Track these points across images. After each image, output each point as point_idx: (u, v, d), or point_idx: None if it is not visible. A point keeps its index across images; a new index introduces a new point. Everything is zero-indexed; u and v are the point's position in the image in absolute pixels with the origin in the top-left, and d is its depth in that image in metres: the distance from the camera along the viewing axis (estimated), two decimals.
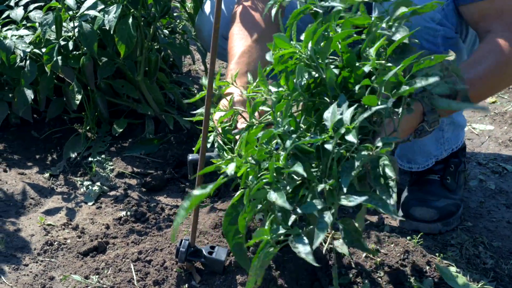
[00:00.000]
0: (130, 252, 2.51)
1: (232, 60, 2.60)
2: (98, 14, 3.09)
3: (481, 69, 2.25)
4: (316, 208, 1.72)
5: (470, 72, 2.21)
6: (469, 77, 2.15)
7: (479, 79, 2.25)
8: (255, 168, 1.87)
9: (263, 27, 2.68)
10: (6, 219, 2.83)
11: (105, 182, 3.08)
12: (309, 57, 1.88)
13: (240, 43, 2.64)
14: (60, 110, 3.41)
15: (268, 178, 1.80)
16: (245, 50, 2.59)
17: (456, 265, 2.52)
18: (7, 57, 3.13)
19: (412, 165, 2.87)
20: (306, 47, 1.88)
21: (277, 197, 1.75)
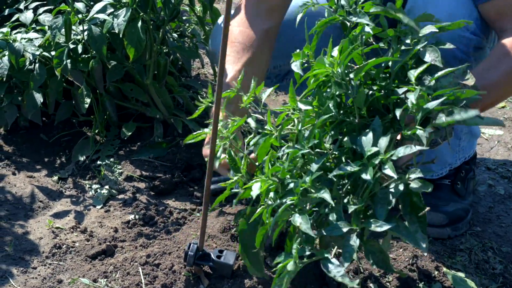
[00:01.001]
0: (138, 255, 2.51)
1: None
2: (108, 18, 3.10)
3: (496, 75, 2.23)
4: (341, 232, 1.72)
5: (486, 77, 2.19)
6: (484, 84, 2.12)
7: (495, 84, 2.23)
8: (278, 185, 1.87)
9: (255, 48, 2.66)
10: (15, 222, 2.83)
11: (113, 186, 3.08)
12: (341, 76, 1.87)
13: (230, 67, 2.63)
14: (69, 113, 3.41)
15: (294, 200, 1.80)
16: (235, 76, 2.58)
17: (465, 270, 2.51)
18: (17, 60, 3.14)
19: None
20: (339, 66, 1.86)
21: (302, 222, 1.75)
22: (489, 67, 2.25)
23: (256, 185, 1.91)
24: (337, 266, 1.71)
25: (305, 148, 1.84)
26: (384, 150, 1.72)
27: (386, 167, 1.68)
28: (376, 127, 1.80)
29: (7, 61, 3.16)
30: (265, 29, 2.72)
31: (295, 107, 1.98)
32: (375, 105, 1.96)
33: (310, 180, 1.77)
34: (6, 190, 3.04)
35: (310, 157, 1.86)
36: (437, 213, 2.73)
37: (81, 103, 3.21)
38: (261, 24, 2.72)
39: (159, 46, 3.32)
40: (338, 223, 1.74)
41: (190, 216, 2.82)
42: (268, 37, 2.74)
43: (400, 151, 1.71)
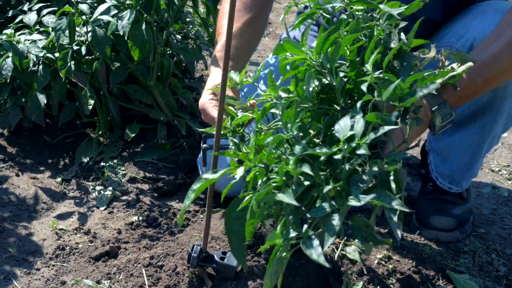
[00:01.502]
0: (142, 257, 2.51)
1: (220, 41, 2.62)
2: (112, 19, 3.10)
3: (496, 46, 2.17)
4: (325, 212, 1.71)
5: (487, 51, 2.16)
6: (484, 58, 2.12)
7: (496, 56, 2.16)
8: (264, 172, 1.87)
9: (255, 10, 2.66)
10: (18, 223, 2.83)
11: (117, 187, 3.08)
12: (320, 63, 1.87)
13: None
14: (72, 114, 3.42)
15: (277, 182, 1.79)
16: (235, 33, 2.57)
17: (468, 273, 2.51)
18: (20, 62, 3.14)
19: (453, 186, 2.80)
20: (318, 53, 1.87)
21: (285, 197, 1.74)
22: (491, 41, 2.21)
23: (240, 168, 1.90)
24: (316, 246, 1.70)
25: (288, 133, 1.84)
26: (361, 135, 1.71)
27: (360, 149, 1.68)
28: (356, 114, 1.80)
29: (11, 62, 3.16)
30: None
31: (276, 95, 1.99)
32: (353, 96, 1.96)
33: (294, 160, 1.77)
34: (9, 191, 3.04)
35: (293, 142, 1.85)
36: (448, 218, 2.72)
37: (85, 105, 3.22)
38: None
39: (162, 47, 3.32)
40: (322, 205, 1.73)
41: (193, 217, 2.82)
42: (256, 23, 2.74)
43: (371, 134, 1.71)
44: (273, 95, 1.99)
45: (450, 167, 2.74)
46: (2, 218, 2.83)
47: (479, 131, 2.63)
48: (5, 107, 3.37)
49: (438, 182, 2.76)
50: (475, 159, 2.73)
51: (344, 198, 1.73)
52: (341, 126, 1.75)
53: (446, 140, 2.71)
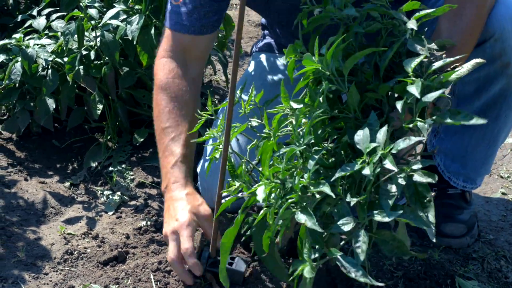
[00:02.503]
0: (150, 262, 2.51)
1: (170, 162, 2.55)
2: (121, 24, 3.10)
3: (464, 22, 2.26)
4: (349, 227, 1.71)
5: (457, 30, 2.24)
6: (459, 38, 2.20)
7: (467, 30, 2.27)
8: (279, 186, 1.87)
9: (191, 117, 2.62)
10: (27, 227, 2.83)
11: (125, 192, 3.08)
12: (332, 73, 1.87)
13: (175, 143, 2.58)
14: (81, 119, 3.42)
15: (294, 197, 1.79)
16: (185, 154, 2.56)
17: (477, 279, 2.50)
18: (29, 66, 3.15)
19: (468, 184, 2.79)
20: (329, 62, 1.86)
21: (306, 219, 1.74)
22: (454, 18, 2.24)
23: (260, 188, 1.90)
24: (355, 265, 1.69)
25: (301, 146, 1.84)
26: (383, 144, 1.71)
27: (386, 162, 1.67)
28: (373, 122, 1.80)
29: (20, 67, 3.17)
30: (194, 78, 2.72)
31: (289, 106, 1.99)
32: (368, 100, 1.96)
33: (308, 176, 1.76)
34: (18, 195, 3.04)
35: (307, 155, 1.85)
36: (458, 224, 2.71)
37: (93, 109, 3.22)
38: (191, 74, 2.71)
39: None
40: (344, 219, 1.72)
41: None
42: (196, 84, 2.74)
43: (399, 143, 1.71)
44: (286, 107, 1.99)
45: (463, 165, 2.72)
46: (11, 223, 2.83)
47: (492, 122, 2.58)
48: (13, 111, 3.37)
49: (452, 182, 2.74)
50: (489, 153, 2.71)
51: (366, 211, 1.73)
52: (361, 137, 1.75)
53: (452, 138, 2.69)
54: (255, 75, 3.01)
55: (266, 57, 3.07)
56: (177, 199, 2.43)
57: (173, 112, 2.59)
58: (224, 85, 4.15)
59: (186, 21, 2.61)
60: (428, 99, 1.75)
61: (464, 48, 2.23)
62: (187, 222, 2.33)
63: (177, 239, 2.32)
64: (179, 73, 2.64)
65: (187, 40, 2.65)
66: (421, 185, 1.73)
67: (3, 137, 3.51)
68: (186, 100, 2.63)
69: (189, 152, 2.57)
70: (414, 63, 1.83)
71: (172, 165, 2.52)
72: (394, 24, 2.00)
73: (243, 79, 3.08)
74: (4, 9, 4.08)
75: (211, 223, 2.34)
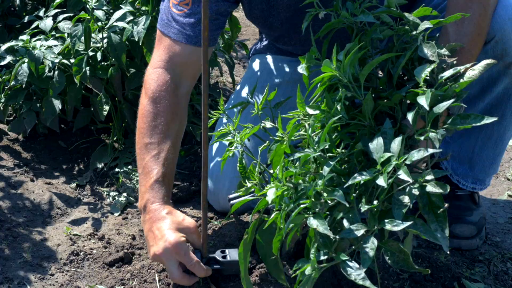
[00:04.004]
0: (155, 263, 2.51)
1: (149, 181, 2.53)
2: (127, 26, 3.11)
3: (471, 25, 2.25)
4: (358, 234, 1.71)
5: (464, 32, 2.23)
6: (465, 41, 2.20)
7: (474, 33, 2.26)
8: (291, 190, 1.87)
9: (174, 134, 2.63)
10: (33, 228, 2.83)
11: (131, 193, 3.08)
12: (349, 80, 1.86)
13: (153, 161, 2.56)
14: (87, 120, 3.42)
15: (307, 203, 1.79)
16: (164, 173, 2.54)
17: (484, 281, 2.50)
18: (36, 68, 3.15)
19: (477, 185, 2.77)
20: (346, 69, 1.86)
21: (318, 224, 1.74)
22: (460, 21, 2.23)
23: (271, 190, 1.90)
24: (357, 269, 1.70)
25: (316, 152, 1.83)
26: (398, 154, 1.71)
27: (401, 172, 1.67)
28: (387, 130, 1.80)
29: (26, 68, 3.17)
30: (186, 93, 2.70)
31: (304, 112, 1.98)
32: (382, 108, 1.96)
33: (323, 183, 1.76)
34: (24, 196, 3.04)
35: (321, 161, 1.85)
36: (468, 225, 2.70)
37: (100, 110, 3.22)
38: (182, 89, 2.69)
39: None
40: (355, 225, 1.73)
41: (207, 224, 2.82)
42: (186, 99, 2.73)
43: (413, 154, 1.71)
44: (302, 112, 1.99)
45: (471, 167, 2.71)
46: (17, 223, 2.84)
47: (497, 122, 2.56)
48: (20, 112, 3.38)
49: (460, 185, 2.73)
50: (497, 152, 2.69)
51: (377, 219, 1.73)
52: (375, 146, 1.75)
53: (458, 140, 2.69)
54: (255, 77, 3.01)
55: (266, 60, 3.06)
56: (159, 219, 2.42)
57: (158, 128, 2.57)
58: (231, 86, 4.15)
59: (191, 31, 2.60)
60: (439, 110, 1.75)
61: (474, 50, 2.23)
62: (177, 239, 2.33)
63: (172, 259, 2.32)
64: (172, 87, 2.62)
65: (188, 51, 2.63)
66: (435, 195, 1.74)
67: (9, 137, 3.51)
68: (174, 117, 2.61)
69: (169, 172, 2.55)
70: (425, 72, 1.83)
71: (151, 184, 2.50)
72: (406, 29, 2.00)
73: (244, 81, 3.07)
74: (11, 10, 4.09)
75: (198, 235, 2.37)
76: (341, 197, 1.73)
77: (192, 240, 2.39)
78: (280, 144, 2.01)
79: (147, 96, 2.63)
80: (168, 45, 2.64)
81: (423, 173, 1.73)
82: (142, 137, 2.59)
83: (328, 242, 1.79)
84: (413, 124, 1.80)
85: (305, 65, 2.05)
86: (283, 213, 1.86)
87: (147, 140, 2.56)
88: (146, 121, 2.59)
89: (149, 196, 2.48)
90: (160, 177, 2.50)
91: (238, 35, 3.79)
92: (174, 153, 2.58)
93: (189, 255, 2.30)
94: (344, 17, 2.04)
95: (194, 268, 2.30)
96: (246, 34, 5.12)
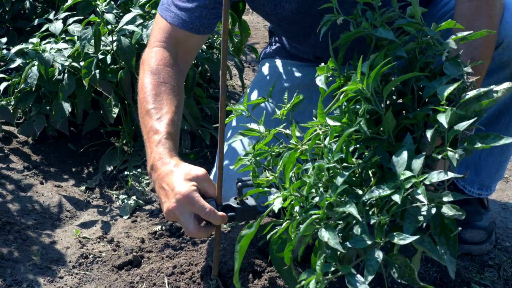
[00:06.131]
0: (164, 266, 2.51)
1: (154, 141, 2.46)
2: (137, 29, 3.11)
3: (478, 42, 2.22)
4: (365, 244, 1.71)
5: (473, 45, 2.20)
6: (475, 55, 2.18)
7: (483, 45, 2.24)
8: (302, 200, 1.86)
9: (180, 94, 2.61)
10: (42, 231, 2.84)
11: (140, 196, 3.08)
12: (372, 94, 1.86)
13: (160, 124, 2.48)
14: (97, 123, 3.43)
15: (319, 214, 1.78)
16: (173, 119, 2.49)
17: (493, 286, 2.49)
18: (46, 70, 3.16)
19: (483, 191, 2.77)
20: (370, 83, 1.85)
21: (330, 238, 1.73)
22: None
23: (277, 200, 1.90)
24: (361, 282, 1.69)
25: (331, 162, 1.83)
26: (418, 173, 1.71)
27: (419, 192, 1.67)
28: (409, 146, 1.79)
29: (36, 71, 3.18)
30: (182, 71, 2.68)
31: (324, 122, 1.97)
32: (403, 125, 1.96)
33: (336, 194, 1.76)
34: (33, 199, 3.05)
35: (335, 171, 1.85)
36: (478, 230, 2.70)
37: (109, 113, 3.23)
38: (180, 67, 2.68)
39: None
40: (362, 236, 1.72)
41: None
42: (183, 78, 2.71)
43: (433, 176, 1.70)
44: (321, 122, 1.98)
45: (477, 173, 2.71)
46: (26, 226, 2.84)
47: (504, 128, 2.58)
48: (29, 115, 3.38)
49: (466, 191, 2.72)
50: (503, 158, 2.70)
51: (384, 231, 1.73)
52: (399, 160, 1.75)
53: None
54: (265, 81, 3.01)
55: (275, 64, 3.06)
56: (167, 174, 2.31)
57: (159, 95, 2.52)
58: (240, 90, 4.15)
59: (187, 17, 2.60)
60: (459, 128, 1.74)
61: (485, 62, 2.22)
62: (188, 189, 2.22)
63: (186, 211, 2.22)
64: (170, 62, 2.60)
65: (182, 36, 2.63)
66: (448, 218, 1.73)
67: (19, 140, 3.52)
68: (175, 86, 2.58)
69: (174, 131, 2.47)
70: (448, 91, 1.82)
71: (156, 143, 2.41)
72: (429, 42, 1.99)
73: (254, 85, 3.07)
74: (21, 12, 4.11)
75: (210, 182, 2.28)
76: (354, 211, 1.73)
77: (204, 188, 2.28)
78: (293, 152, 2.00)
79: (145, 71, 2.60)
80: (164, 27, 2.64)
81: (440, 193, 1.73)
82: (144, 105, 2.53)
83: (335, 254, 1.78)
84: (432, 142, 1.79)
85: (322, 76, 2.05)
86: (294, 223, 1.85)
87: (149, 107, 2.50)
88: (146, 91, 2.55)
89: (155, 154, 2.39)
90: (165, 135, 2.42)
91: (248, 39, 3.79)
92: (178, 119, 2.52)
93: (202, 204, 2.20)
94: (364, 28, 2.04)
95: (209, 217, 2.20)
96: (256, 37, 5.12)
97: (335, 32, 2.21)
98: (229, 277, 2.38)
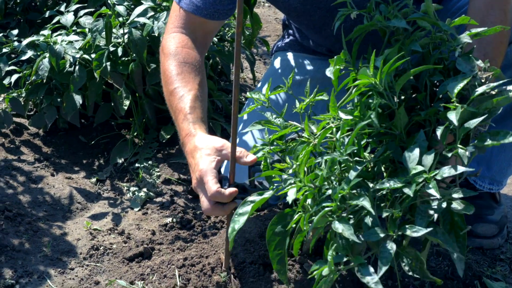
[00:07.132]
0: (175, 258, 2.51)
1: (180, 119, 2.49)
2: (148, 21, 3.11)
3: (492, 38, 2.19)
4: (378, 237, 1.71)
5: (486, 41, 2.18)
6: (488, 50, 2.18)
7: (495, 40, 2.22)
8: (315, 191, 1.86)
9: (202, 72, 2.62)
10: (53, 223, 2.84)
11: (151, 188, 3.08)
12: (385, 88, 1.85)
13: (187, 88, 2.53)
14: (107, 115, 3.43)
15: (332, 206, 1.78)
16: (197, 96, 2.51)
17: (505, 280, 2.48)
18: (57, 63, 3.16)
19: (494, 186, 2.76)
20: (383, 77, 1.85)
21: (344, 229, 1.73)
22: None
23: (292, 190, 1.90)
24: (372, 273, 1.69)
25: (343, 155, 1.83)
26: (429, 168, 1.71)
27: (430, 187, 1.67)
28: (421, 142, 1.79)
29: (47, 63, 3.18)
30: (201, 52, 2.69)
31: (336, 116, 1.97)
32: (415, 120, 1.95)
33: (349, 187, 1.76)
34: (44, 191, 3.05)
35: (348, 164, 1.85)
36: (490, 224, 2.70)
37: (120, 106, 3.23)
38: (199, 49, 2.69)
39: None
40: (374, 229, 1.72)
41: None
42: (203, 58, 2.70)
43: (444, 171, 1.71)
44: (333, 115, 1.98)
45: (488, 168, 2.70)
46: (37, 218, 2.85)
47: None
48: (41, 107, 3.39)
49: (477, 186, 2.71)
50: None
51: (396, 224, 1.73)
52: (411, 156, 1.75)
53: None
54: (278, 74, 3.00)
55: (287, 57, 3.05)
56: (192, 151, 2.35)
57: (181, 75, 2.55)
58: (251, 82, 4.15)
59: (201, 4, 2.61)
60: (470, 126, 1.74)
61: (498, 58, 2.21)
62: (206, 167, 2.25)
63: (203, 189, 2.26)
64: (189, 44, 2.63)
65: (197, 22, 2.65)
66: (458, 215, 1.73)
67: (30, 132, 3.52)
68: (196, 65, 2.59)
69: (198, 105, 2.49)
70: (458, 87, 1.81)
71: (182, 120, 2.45)
72: (443, 38, 1.98)
73: (266, 77, 3.06)
74: (32, 5, 4.11)
75: (228, 151, 2.28)
76: (367, 204, 1.73)
77: (224, 157, 2.30)
78: (306, 145, 2.00)
79: (165, 55, 2.63)
80: (180, 13, 2.67)
81: (451, 189, 1.73)
82: (167, 87, 2.57)
83: (347, 245, 1.78)
84: (442, 139, 1.79)
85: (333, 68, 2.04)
86: (306, 215, 1.85)
87: (173, 87, 2.53)
88: (168, 72, 2.58)
89: (181, 131, 2.45)
90: (189, 110, 2.45)
91: (259, 31, 3.78)
92: (202, 94, 2.53)
93: (209, 185, 2.21)
94: (378, 21, 2.03)
95: (216, 198, 2.21)
96: (267, 30, 5.11)
97: (347, 25, 2.21)
98: (239, 270, 2.37)
